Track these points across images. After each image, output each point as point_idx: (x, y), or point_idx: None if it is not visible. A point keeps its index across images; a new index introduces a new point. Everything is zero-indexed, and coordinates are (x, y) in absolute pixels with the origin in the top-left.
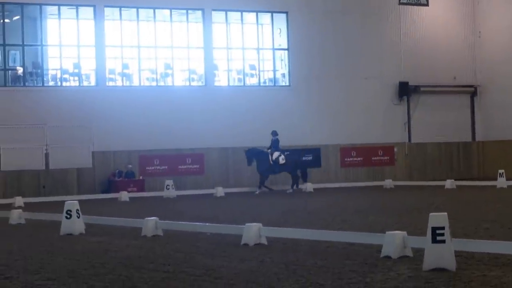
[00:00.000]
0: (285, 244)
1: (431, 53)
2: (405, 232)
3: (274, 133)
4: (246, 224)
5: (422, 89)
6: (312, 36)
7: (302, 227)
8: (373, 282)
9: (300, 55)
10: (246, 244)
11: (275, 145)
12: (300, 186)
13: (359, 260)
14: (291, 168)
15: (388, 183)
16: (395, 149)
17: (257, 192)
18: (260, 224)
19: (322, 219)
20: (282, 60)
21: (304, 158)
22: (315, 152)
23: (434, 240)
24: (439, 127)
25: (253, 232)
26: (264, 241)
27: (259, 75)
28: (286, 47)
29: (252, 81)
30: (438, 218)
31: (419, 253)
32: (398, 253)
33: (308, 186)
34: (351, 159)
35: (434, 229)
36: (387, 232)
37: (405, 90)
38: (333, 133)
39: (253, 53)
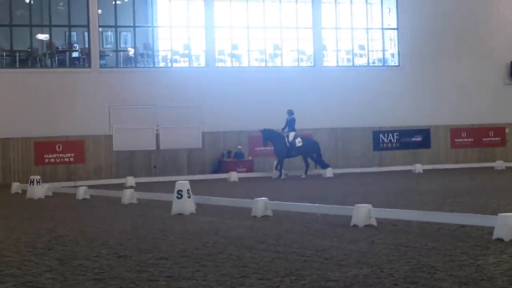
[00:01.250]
0: (395, 226)
1: None
2: None
3: (290, 112)
4: (356, 205)
5: None
6: (422, 16)
7: (413, 208)
8: (486, 265)
9: (410, 34)
10: (355, 225)
11: (291, 125)
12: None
13: (470, 242)
14: (307, 152)
15: (499, 164)
16: (507, 130)
17: (282, 177)
18: (370, 205)
19: (433, 201)
20: (391, 40)
21: (413, 139)
22: (425, 133)
23: None
24: None
25: (363, 213)
26: (374, 222)
27: (368, 55)
28: (395, 26)
29: (361, 61)
30: None
31: None
32: (511, 236)
33: (418, 168)
34: (461, 140)
35: None
36: (499, 214)
37: None
38: (443, 114)
39: (362, 33)
